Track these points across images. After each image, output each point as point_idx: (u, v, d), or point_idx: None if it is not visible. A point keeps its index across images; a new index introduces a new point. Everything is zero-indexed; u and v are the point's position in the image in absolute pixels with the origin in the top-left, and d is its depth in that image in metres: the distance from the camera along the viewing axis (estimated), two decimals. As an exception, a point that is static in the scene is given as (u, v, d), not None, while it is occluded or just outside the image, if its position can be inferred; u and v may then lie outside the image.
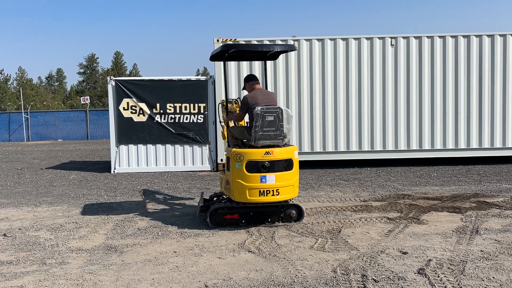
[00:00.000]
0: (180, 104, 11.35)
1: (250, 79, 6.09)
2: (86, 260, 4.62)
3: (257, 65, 11.05)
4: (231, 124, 6.33)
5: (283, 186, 5.55)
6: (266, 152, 5.47)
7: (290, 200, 5.82)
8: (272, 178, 5.48)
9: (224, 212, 5.68)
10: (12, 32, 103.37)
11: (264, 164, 5.44)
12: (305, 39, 11.10)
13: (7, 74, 65.74)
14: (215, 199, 6.35)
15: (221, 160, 10.90)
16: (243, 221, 5.68)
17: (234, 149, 5.60)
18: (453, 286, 3.71)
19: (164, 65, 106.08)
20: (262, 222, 5.72)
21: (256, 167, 5.43)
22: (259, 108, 5.54)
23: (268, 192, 5.48)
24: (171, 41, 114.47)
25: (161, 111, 11.36)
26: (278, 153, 5.53)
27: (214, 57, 6.26)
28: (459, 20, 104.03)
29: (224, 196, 6.18)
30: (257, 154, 5.46)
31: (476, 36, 11.15)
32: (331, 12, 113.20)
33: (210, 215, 5.67)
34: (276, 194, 5.52)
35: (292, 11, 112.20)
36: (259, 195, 5.47)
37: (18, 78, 65.63)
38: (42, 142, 28.18)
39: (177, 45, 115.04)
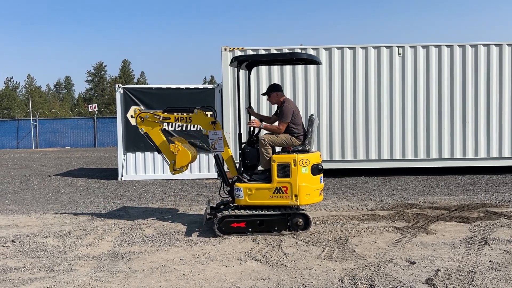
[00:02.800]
0: (187, 112, 11.37)
1: (280, 89, 6.20)
2: (94, 267, 4.63)
3: (263, 73, 11.09)
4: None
5: None
6: (320, 155, 5.96)
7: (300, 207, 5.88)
8: (322, 178, 5.96)
9: (231, 220, 5.68)
10: (21, 41, 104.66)
11: (321, 166, 5.84)
12: (312, 48, 11.13)
13: (16, 82, 66.50)
14: (221, 207, 6.34)
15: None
16: (250, 229, 5.68)
17: (297, 154, 5.67)
18: (462, 297, 3.68)
19: (171, 74, 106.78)
20: (268, 230, 5.71)
21: (316, 169, 5.74)
22: (314, 115, 6.01)
23: (322, 192, 5.96)
24: (178, 50, 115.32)
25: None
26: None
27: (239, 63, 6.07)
28: (466, 29, 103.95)
29: (231, 204, 6.18)
30: (317, 157, 5.86)
31: (483, 45, 11.13)
32: (337, 20, 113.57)
33: (217, 223, 5.67)
34: (323, 193, 6.04)
35: (298, 20, 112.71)
36: (319, 195, 5.86)
37: (27, 85, 66.34)
38: (50, 149, 28.37)
39: (184, 53, 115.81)
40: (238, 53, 10.98)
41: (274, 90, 6.12)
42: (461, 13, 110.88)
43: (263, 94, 6.31)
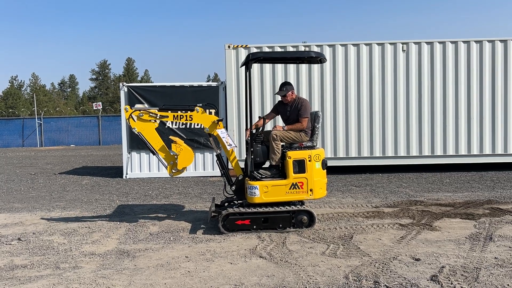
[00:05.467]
0: (191, 110, 11.38)
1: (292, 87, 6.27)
2: (99, 265, 4.66)
3: (268, 71, 11.08)
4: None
5: None
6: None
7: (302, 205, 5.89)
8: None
9: (236, 218, 5.70)
10: (26, 39, 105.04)
11: (326, 160, 5.94)
12: (315, 45, 11.10)
13: (21, 81, 66.68)
14: (226, 204, 6.36)
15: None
16: (255, 226, 5.69)
17: (311, 150, 5.82)
18: (467, 294, 3.67)
19: (175, 72, 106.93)
20: (273, 227, 5.72)
21: (324, 164, 5.89)
22: (319, 111, 6.18)
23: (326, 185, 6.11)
24: (182, 48, 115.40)
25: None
26: None
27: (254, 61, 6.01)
28: (471, 26, 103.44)
29: (235, 202, 6.19)
30: (323, 152, 6.01)
31: (488, 41, 11.07)
32: (340, 18, 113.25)
33: (221, 220, 5.68)
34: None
35: (300, 18, 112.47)
36: (325, 189, 6.02)
37: (31, 84, 66.54)
38: (55, 147, 28.48)
39: (188, 51, 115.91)
40: (242, 50, 10.98)
41: (290, 88, 6.17)
42: (462, 12, 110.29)
43: (278, 93, 6.25)
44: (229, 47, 11.01)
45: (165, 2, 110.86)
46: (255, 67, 10.89)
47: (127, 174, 11.61)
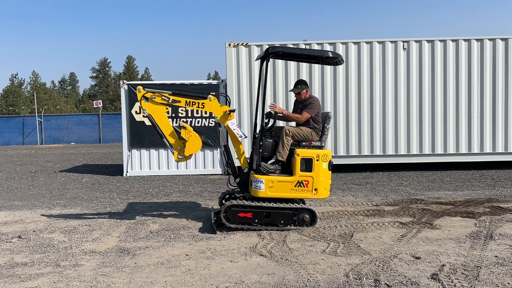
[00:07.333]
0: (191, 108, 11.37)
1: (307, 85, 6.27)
2: (99, 263, 4.65)
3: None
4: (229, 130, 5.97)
5: None
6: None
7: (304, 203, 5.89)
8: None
9: (238, 210, 5.67)
10: (26, 37, 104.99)
11: (333, 162, 5.93)
12: (316, 43, 11.08)
13: (21, 78, 66.67)
14: (227, 196, 6.37)
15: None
16: (256, 220, 5.67)
17: (319, 150, 5.85)
18: (468, 292, 3.67)
19: (175, 70, 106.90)
20: (274, 224, 5.70)
21: (331, 165, 5.88)
22: (330, 112, 6.22)
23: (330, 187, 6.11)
24: (183, 46, 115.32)
25: (173, 115, 11.41)
26: None
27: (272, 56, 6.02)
28: (472, 25, 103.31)
29: (236, 195, 6.20)
30: (330, 153, 5.99)
31: (489, 39, 11.06)
32: (340, 16, 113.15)
33: (223, 211, 5.66)
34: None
35: (300, 16, 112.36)
36: (329, 190, 6.00)
37: (32, 82, 66.50)
38: (55, 145, 28.49)
39: (188, 49, 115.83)
40: (243, 48, 10.97)
41: (305, 87, 6.18)
42: (462, 11, 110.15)
43: (293, 90, 6.24)
44: (229, 45, 10.99)
45: (166, 0, 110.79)
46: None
47: (127, 172, 11.61)
